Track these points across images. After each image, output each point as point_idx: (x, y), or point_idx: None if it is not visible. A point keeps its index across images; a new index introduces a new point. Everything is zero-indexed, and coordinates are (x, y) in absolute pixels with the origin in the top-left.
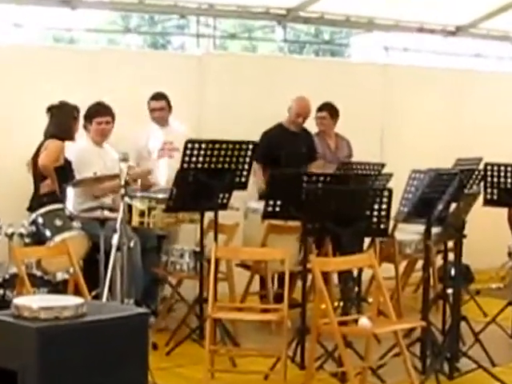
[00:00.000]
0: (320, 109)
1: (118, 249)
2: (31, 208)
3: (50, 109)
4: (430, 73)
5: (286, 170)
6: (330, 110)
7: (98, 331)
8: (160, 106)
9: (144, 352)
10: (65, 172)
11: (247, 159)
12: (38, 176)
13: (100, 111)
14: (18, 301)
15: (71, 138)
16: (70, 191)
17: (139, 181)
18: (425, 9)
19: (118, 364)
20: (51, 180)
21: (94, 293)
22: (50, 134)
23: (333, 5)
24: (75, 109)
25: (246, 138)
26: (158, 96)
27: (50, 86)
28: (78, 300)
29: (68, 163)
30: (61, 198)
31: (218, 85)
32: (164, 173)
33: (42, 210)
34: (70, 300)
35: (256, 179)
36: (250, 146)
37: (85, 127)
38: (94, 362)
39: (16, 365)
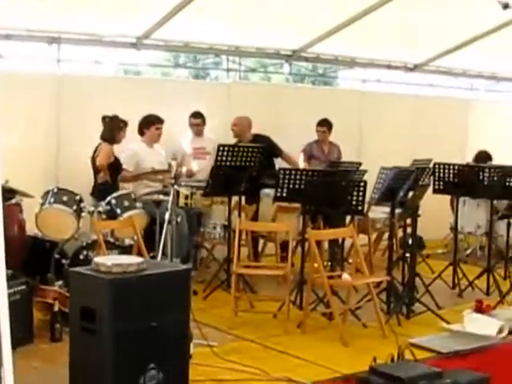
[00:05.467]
0: (321, 124)
1: (169, 222)
2: (93, 193)
3: (104, 118)
4: (395, 98)
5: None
6: (328, 125)
7: (154, 282)
8: (197, 122)
9: (187, 297)
10: (115, 167)
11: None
12: (95, 170)
13: (159, 119)
14: (97, 259)
15: (116, 141)
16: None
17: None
18: (392, 51)
19: (169, 305)
20: (104, 174)
21: (151, 254)
22: (102, 138)
23: (325, 48)
24: (122, 121)
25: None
26: (197, 114)
27: (121, 106)
28: (140, 259)
29: (117, 160)
30: (113, 185)
31: (241, 105)
32: (197, 169)
33: (115, 194)
34: (134, 259)
35: None
36: (260, 150)
37: (141, 133)
38: (151, 304)
39: (95, 305)
